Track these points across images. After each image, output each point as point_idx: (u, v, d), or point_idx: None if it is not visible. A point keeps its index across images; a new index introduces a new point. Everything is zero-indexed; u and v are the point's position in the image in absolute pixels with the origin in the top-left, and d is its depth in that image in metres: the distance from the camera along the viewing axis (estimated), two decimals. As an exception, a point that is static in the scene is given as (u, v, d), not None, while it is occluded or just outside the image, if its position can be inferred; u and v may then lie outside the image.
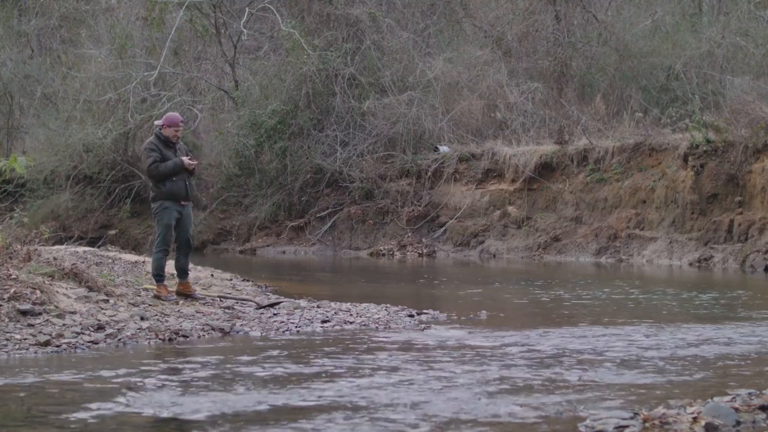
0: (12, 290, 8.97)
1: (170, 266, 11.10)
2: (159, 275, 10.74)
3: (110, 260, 14.40)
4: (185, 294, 10.88)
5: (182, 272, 10.92)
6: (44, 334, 8.40)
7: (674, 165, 20.50)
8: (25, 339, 8.27)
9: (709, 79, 23.60)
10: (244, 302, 11.40)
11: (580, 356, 8.13)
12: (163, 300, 10.57)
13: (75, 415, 5.88)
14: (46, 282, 9.57)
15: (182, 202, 10.71)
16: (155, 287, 10.84)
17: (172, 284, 11.11)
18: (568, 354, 8.26)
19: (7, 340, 8.19)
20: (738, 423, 5.55)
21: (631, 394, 6.56)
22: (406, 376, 7.19)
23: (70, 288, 9.85)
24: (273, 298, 11.99)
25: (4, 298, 8.86)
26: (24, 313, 8.76)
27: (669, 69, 24.85)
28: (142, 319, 9.50)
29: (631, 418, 5.66)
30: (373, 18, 25.87)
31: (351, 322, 10.31)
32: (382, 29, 25.94)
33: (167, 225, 10.67)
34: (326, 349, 8.56)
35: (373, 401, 6.27)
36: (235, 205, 26.20)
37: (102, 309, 9.54)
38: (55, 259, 10.70)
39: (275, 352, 8.33)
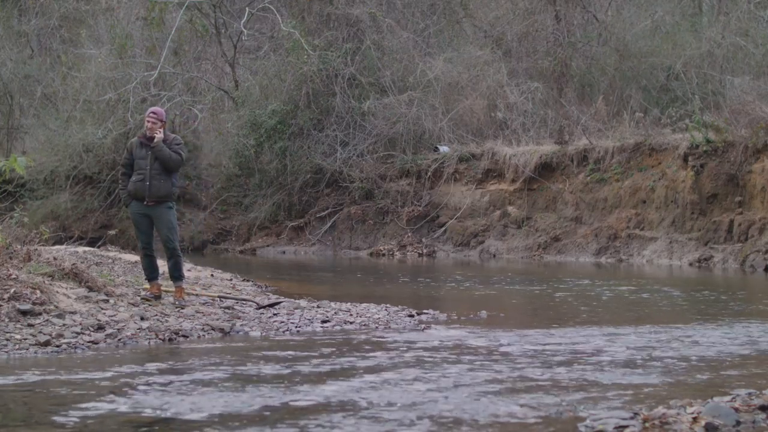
0: (12, 290, 8.97)
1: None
2: (145, 274, 10.71)
3: (110, 260, 14.41)
4: (175, 298, 10.61)
5: (170, 276, 10.67)
6: (44, 334, 8.40)
7: (674, 165, 20.49)
8: (25, 339, 8.27)
9: (709, 79, 23.59)
10: (244, 302, 11.40)
11: (580, 356, 8.13)
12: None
13: (75, 415, 5.87)
14: (46, 282, 9.57)
15: (146, 202, 10.34)
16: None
17: (168, 284, 11.11)
18: (568, 354, 8.25)
19: (7, 340, 8.19)
20: (738, 423, 5.55)
21: (631, 394, 6.56)
22: (406, 376, 7.18)
23: (70, 288, 9.85)
24: (273, 298, 11.99)
25: (4, 298, 8.85)
26: (24, 313, 8.76)
27: (669, 69, 24.85)
28: (142, 319, 9.50)
29: (631, 418, 5.65)
30: (373, 18, 25.87)
31: (351, 322, 10.31)
32: (382, 29, 25.94)
33: (134, 224, 10.70)
34: (326, 349, 8.56)
35: (373, 401, 6.27)
36: (235, 205, 26.20)
37: (102, 309, 9.54)
38: (55, 259, 10.69)
39: (275, 352, 8.32)
